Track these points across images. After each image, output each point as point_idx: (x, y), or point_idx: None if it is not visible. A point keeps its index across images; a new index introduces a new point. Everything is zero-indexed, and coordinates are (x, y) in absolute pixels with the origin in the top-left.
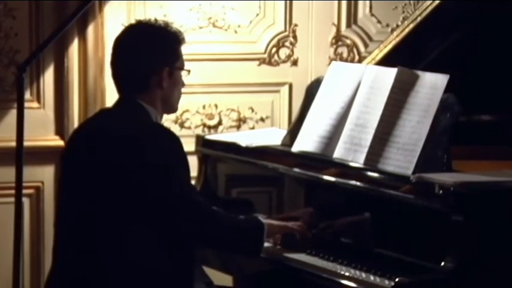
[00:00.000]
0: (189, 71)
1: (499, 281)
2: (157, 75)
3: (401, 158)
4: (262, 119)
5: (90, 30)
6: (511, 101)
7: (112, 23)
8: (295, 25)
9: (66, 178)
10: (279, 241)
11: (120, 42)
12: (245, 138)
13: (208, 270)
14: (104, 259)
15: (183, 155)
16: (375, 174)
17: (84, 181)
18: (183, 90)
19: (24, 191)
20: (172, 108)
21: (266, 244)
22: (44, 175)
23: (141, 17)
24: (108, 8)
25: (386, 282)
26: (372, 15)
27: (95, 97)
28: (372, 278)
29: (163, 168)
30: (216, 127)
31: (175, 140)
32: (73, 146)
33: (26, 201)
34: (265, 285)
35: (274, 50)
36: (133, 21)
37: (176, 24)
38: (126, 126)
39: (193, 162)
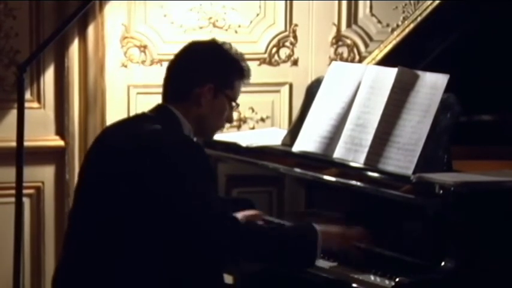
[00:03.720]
0: (238, 105)
1: (498, 281)
2: (199, 89)
3: (402, 158)
4: (262, 119)
5: (91, 30)
6: (511, 100)
7: (112, 23)
8: (296, 25)
9: (87, 176)
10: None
11: (185, 49)
12: (245, 138)
13: None
14: (116, 267)
15: (209, 169)
16: (375, 174)
17: (106, 186)
18: None
19: (25, 191)
20: (205, 133)
21: None
22: (44, 175)
23: (141, 17)
24: (108, 8)
25: (387, 282)
26: (372, 15)
27: (95, 97)
28: (372, 277)
29: (186, 180)
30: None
31: (200, 153)
32: (99, 148)
33: (26, 201)
34: (265, 284)
35: (274, 50)
36: (132, 22)
37: (176, 24)
38: (153, 135)
39: None
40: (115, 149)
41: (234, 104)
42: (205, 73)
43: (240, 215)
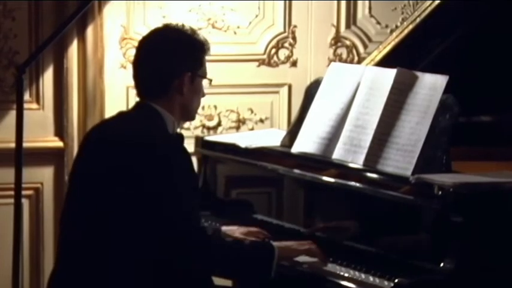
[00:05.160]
0: (211, 80)
1: (498, 281)
2: (178, 80)
3: (401, 159)
4: (261, 120)
5: (90, 31)
6: (510, 101)
7: (111, 23)
8: (295, 26)
9: (74, 180)
10: None
11: (145, 44)
12: (244, 139)
13: None
14: (107, 264)
15: (187, 171)
16: (374, 175)
17: (91, 185)
18: None
19: (24, 192)
20: (190, 116)
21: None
22: (44, 176)
23: (140, 18)
24: (107, 9)
25: (386, 283)
26: (371, 16)
27: (94, 98)
28: (371, 278)
29: (164, 182)
30: (215, 128)
31: (181, 153)
32: (84, 148)
33: (25, 202)
34: (264, 285)
35: (273, 51)
36: (131, 23)
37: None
38: (136, 133)
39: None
40: (101, 149)
41: (208, 80)
42: (179, 63)
43: (241, 230)
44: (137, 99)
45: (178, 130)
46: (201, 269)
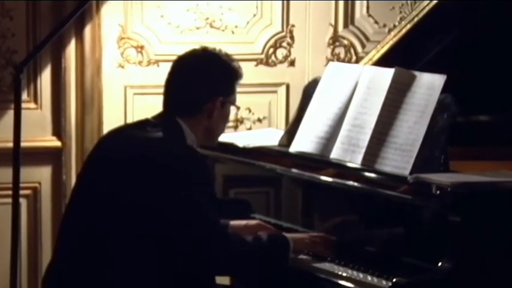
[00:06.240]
0: (238, 108)
1: (496, 281)
2: (210, 104)
3: (399, 159)
4: (259, 120)
5: (87, 30)
6: (508, 101)
7: (109, 23)
8: (293, 25)
9: (85, 182)
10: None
11: (183, 64)
12: (242, 138)
13: None
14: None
15: (208, 182)
16: (372, 175)
17: (101, 191)
18: None
19: (21, 192)
20: (213, 140)
21: None
22: (41, 176)
23: (138, 17)
24: (105, 9)
25: (384, 282)
26: (369, 15)
27: (92, 98)
28: (369, 278)
29: (184, 194)
30: None
31: (203, 165)
32: (98, 154)
33: (23, 201)
34: (263, 284)
35: (271, 50)
36: (129, 22)
37: (173, 24)
38: (156, 145)
39: None
40: (115, 157)
41: (236, 106)
42: (213, 88)
43: (243, 224)
44: (136, 99)
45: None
46: (224, 273)
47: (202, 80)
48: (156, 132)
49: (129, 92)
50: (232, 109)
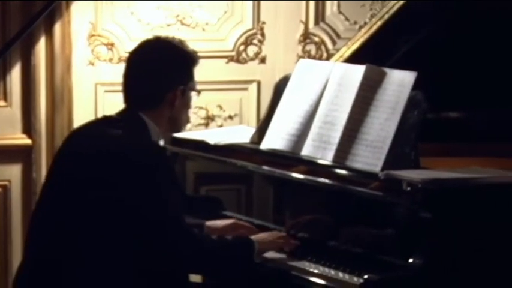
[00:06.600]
0: (199, 92)
1: (466, 277)
2: (171, 94)
3: (370, 155)
4: (230, 117)
5: (57, 28)
6: (478, 97)
7: (79, 20)
8: (263, 23)
9: (53, 180)
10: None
11: (138, 57)
12: (214, 136)
13: None
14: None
15: (171, 179)
16: (344, 172)
17: (69, 188)
18: None
19: None
20: (178, 128)
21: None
22: (11, 174)
23: (108, 15)
24: (75, 6)
25: (355, 279)
26: (340, 12)
27: (62, 95)
28: (340, 275)
29: (149, 189)
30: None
31: (165, 161)
32: (65, 151)
33: None
34: (234, 282)
35: (242, 47)
36: (99, 20)
37: (143, 21)
38: (121, 141)
39: None
40: (81, 153)
41: (197, 91)
42: (171, 77)
43: (218, 224)
44: (106, 96)
45: (161, 143)
46: (187, 269)
47: (159, 71)
48: (120, 129)
49: (100, 90)
50: (194, 95)
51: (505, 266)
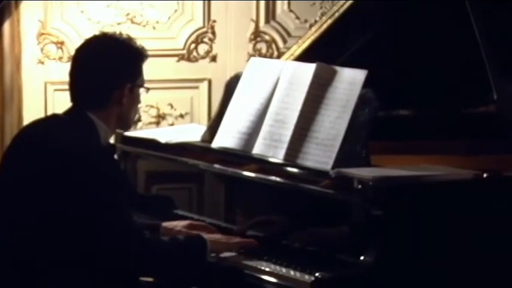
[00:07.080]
0: (148, 89)
1: (418, 274)
2: (118, 92)
3: (321, 153)
4: (181, 115)
5: (6, 26)
6: (428, 96)
7: (28, 19)
8: (214, 21)
9: (1, 178)
10: None
11: (84, 54)
12: (165, 134)
13: None
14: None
15: (117, 180)
16: (295, 170)
17: (18, 187)
18: None
19: None
20: (127, 125)
21: None
22: None
23: (58, 13)
24: (24, 5)
25: (307, 277)
26: (291, 11)
27: (12, 94)
28: (292, 273)
29: (95, 190)
30: (135, 124)
31: (112, 162)
32: (12, 151)
33: None
34: (187, 282)
35: (193, 46)
36: (49, 18)
37: (93, 20)
38: (67, 142)
39: None
40: (29, 152)
41: (145, 88)
42: (120, 75)
43: (182, 225)
44: (56, 95)
45: (110, 141)
46: (138, 271)
47: (106, 68)
48: (68, 128)
49: (50, 88)
50: (142, 91)
51: (455, 262)
